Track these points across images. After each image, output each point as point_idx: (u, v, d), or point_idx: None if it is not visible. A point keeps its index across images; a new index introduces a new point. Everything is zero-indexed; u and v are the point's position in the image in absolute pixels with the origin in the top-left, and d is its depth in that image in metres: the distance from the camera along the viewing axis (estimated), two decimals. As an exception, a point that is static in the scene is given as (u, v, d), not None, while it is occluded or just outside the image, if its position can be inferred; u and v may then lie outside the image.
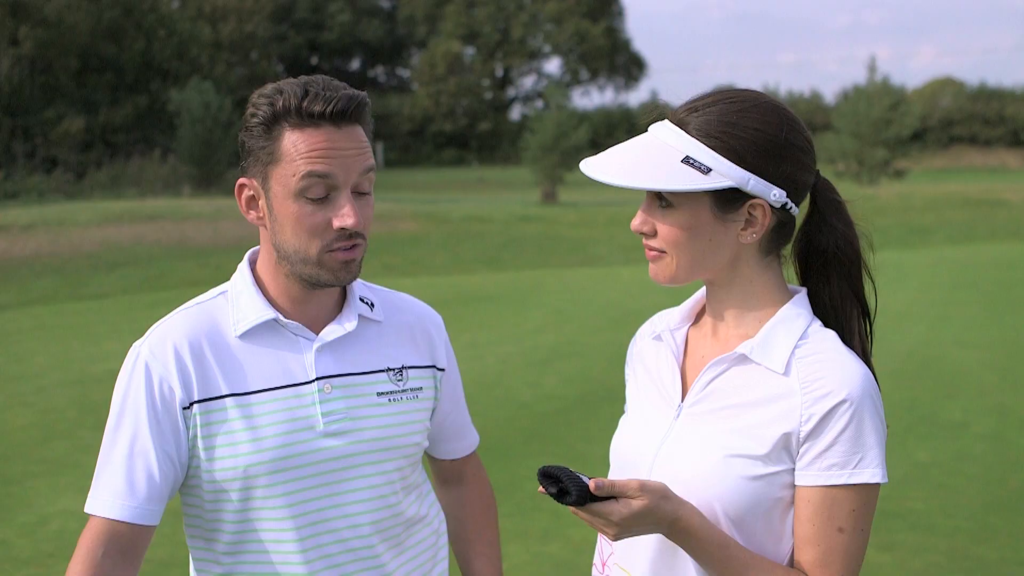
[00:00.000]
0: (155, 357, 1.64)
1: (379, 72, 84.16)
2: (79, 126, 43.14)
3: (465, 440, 1.94)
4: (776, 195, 1.51)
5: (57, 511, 5.35)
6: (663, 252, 1.54)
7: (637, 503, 1.41)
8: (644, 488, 1.42)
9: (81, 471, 5.86)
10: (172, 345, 1.65)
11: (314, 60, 76.55)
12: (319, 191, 1.59)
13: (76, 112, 44.24)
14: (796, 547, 1.51)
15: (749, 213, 1.52)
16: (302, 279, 1.66)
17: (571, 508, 1.40)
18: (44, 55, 44.35)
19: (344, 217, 1.59)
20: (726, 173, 1.48)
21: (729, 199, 1.50)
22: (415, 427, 1.76)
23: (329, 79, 1.64)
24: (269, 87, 1.64)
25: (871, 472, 1.47)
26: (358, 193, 1.63)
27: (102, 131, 45.12)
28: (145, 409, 1.63)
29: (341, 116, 1.59)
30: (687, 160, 1.48)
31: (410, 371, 1.77)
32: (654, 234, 1.54)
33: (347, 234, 1.61)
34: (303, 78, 1.64)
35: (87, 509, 1.64)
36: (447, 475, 1.95)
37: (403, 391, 1.75)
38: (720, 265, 1.55)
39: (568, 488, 1.39)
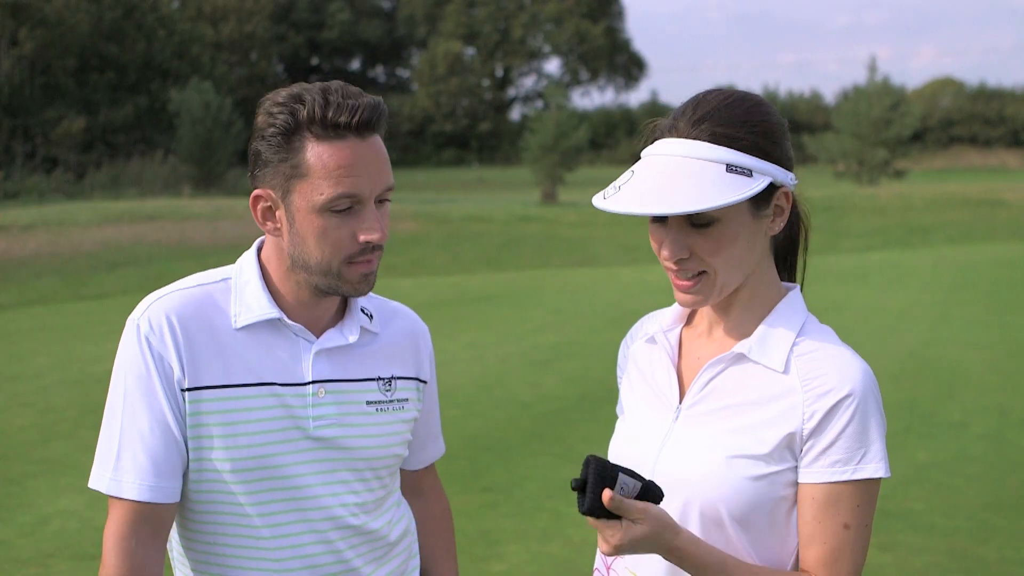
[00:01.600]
0: (154, 332, 1.60)
1: (379, 72, 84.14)
2: (79, 126, 43.14)
3: (426, 452, 1.92)
4: (791, 178, 1.53)
5: (57, 511, 5.34)
6: (703, 272, 1.51)
7: (639, 528, 1.40)
8: (646, 513, 1.41)
9: (81, 471, 5.85)
10: (168, 324, 1.61)
11: (314, 60, 76.55)
12: (345, 204, 1.57)
13: (76, 112, 44.25)
14: (801, 545, 1.50)
15: (776, 204, 1.53)
16: (316, 288, 1.64)
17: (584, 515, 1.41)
18: (44, 55, 44.36)
19: (370, 231, 1.58)
20: (764, 170, 1.48)
21: (764, 195, 1.50)
22: (398, 438, 1.76)
23: (345, 85, 1.60)
24: (283, 93, 1.59)
25: (874, 467, 1.47)
26: (379, 202, 1.62)
27: (102, 131, 45.12)
28: (158, 383, 1.59)
29: (365, 126, 1.57)
30: (731, 168, 1.46)
31: (398, 382, 1.77)
32: (690, 257, 1.51)
33: (370, 247, 1.60)
34: (319, 84, 1.60)
35: (107, 490, 1.59)
36: (405, 486, 1.91)
37: (391, 401, 1.75)
38: (752, 265, 1.54)
39: (587, 492, 1.38)
